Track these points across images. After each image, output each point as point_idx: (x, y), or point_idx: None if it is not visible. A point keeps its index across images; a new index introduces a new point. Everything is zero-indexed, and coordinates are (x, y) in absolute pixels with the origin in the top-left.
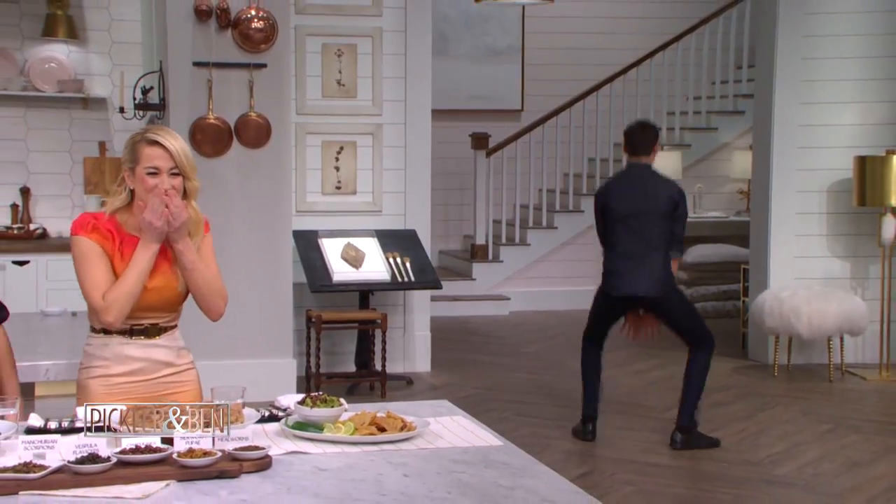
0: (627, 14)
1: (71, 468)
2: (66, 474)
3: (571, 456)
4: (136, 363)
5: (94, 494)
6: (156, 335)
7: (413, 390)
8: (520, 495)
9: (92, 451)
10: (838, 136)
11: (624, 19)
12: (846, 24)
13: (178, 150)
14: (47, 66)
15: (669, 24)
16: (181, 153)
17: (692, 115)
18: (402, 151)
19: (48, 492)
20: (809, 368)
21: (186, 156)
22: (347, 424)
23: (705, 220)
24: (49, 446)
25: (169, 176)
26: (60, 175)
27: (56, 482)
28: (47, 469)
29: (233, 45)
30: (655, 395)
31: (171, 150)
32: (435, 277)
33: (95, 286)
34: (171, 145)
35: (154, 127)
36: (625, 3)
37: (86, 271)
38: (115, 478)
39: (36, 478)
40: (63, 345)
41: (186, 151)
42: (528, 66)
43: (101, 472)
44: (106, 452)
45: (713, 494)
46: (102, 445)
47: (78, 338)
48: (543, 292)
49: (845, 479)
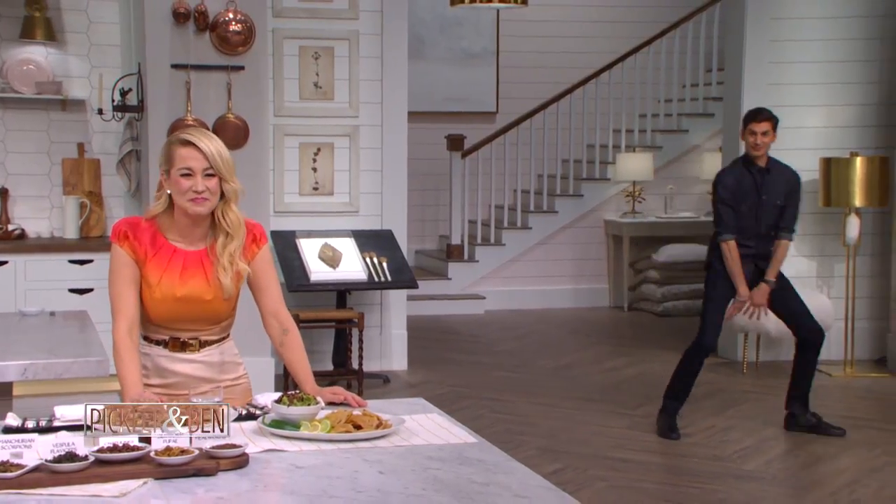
0: (600, 18)
1: (48, 467)
2: (43, 473)
3: (545, 452)
4: (173, 377)
5: (71, 493)
6: (197, 349)
7: (390, 388)
8: (494, 491)
9: (69, 450)
10: (804, 138)
11: (596, 23)
12: (811, 30)
13: (212, 151)
14: (25, 69)
15: (641, 29)
16: (216, 154)
17: (663, 118)
18: (378, 153)
19: (25, 490)
20: (777, 365)
21: (222, 156)
22: (324, 422)
23: (676, 220)
24: (26, 445)
25: (203, 177)
26: (39, 176)
27: (33, 481)
28: (24, 468)
29: (211, 47)
30: (627, 392)
31: (205, 150)
32: (411, 277)
33: (121, 313)
34: (205, 145)
35: (189, 128)
36: (597, 8)
37: (113, 287)
38: (93, 476)
39: (13, 477)
40: (41, 345)
41: (223, 152)
42: (503, 69)
43: (78, 471)
44: (83, 451)
45: (683, 489)
46: (80, 444)
47: (55, 338)
48: (518, 291)
49: (810, 472)
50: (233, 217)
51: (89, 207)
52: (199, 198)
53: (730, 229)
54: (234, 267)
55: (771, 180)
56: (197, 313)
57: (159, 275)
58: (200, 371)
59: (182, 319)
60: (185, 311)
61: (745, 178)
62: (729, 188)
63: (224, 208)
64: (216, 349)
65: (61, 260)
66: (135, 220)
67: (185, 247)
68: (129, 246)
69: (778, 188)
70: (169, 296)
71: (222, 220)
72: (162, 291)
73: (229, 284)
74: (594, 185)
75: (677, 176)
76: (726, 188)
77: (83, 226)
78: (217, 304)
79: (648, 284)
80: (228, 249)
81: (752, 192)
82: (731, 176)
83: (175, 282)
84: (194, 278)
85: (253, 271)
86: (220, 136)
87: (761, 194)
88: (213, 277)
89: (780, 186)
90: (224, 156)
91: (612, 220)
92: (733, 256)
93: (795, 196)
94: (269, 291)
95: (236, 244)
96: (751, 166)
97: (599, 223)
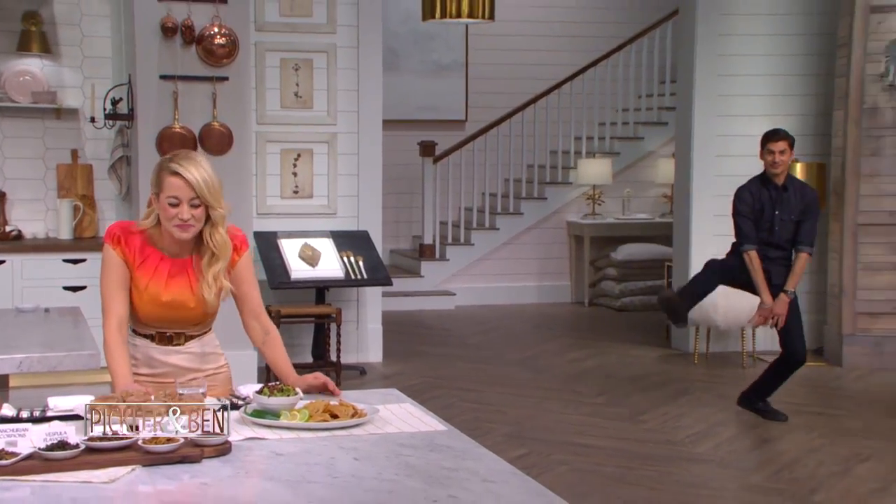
0: (562, 33)
1: (41, 455)
2: (36, 460)
3: (511, 439)
4: (161, 367)
5: (63, 479)
6: (181, 343)
7: (366, 379)
8: (462, 476)
9: (62, 439)
10: (750, 145)
11: (559, 38)
12: (755, 46)
13: (198, 181)
14: (22, 79)
15: (600, 43)
16: (202, 183)
17: (620, 126)
18: (355, 158)
19: (19, 477)
20: (725, 356)
21: (209, 185)
22: (302, 412)
23: (633, 221)
24: (20, 434)
25: (189, 206)
26: (35, 181)
27: (27, 468)
28: (18, 456)
29: (197, 59)
30: (588, 382)
31: (192, 181)
32: (386, 275)
33: (111, 311)
34: (192, 176)
35: (180, 154)
36: (560, 24)
37: (105, 286)
38: (83, 463)
39: (7, 464)
40: (36, 339)
41: (209, 180)
42: (472, 80)
43: (69, 459)
44: (75, 439)
45: (639, 472)
46: (71, 433)
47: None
48: (486, 288)
49: (756, 454)
50: (219, 239)
51: (82, 210)
52: (184, 224)
53: (751, 240)
54: (217, 283)
55: (787, 198)
56: (181, 317)
57: (146, 280)
58: (185, 362)
59: (167, 321)
60: (169, 315)
61: (762, 194)
62: (746, 202)
63: (211, 231)
64: (198, 342)
65: (56, 259)
66: (128, 225)
67: (172, 255)
68: (121, 249)
69: (793, 205)
70: (155, 300)
71: (209, 242)
72: (149, 295)
73: (213, 300)
74: (557, 189)
75: (634, 180)
76: (744, 202)
77: (76, 227)
78: (199, 311)
79: (607, 281)
80: (213, 270)
81: (767, 208)
82: (748, 191)
83: (161, 288)
84: (179, 286)
85: (233, 278)
86: (206, 143)
87: (775, 209)
88: (196, 289)
89: (796, 204)
90: (210, 183)
91: (573, 222)
92: (755, 266)
93: (812, 213)
94: (250, 297)
95: (221, 265)
96: (768, 183)
97: (562, 224)
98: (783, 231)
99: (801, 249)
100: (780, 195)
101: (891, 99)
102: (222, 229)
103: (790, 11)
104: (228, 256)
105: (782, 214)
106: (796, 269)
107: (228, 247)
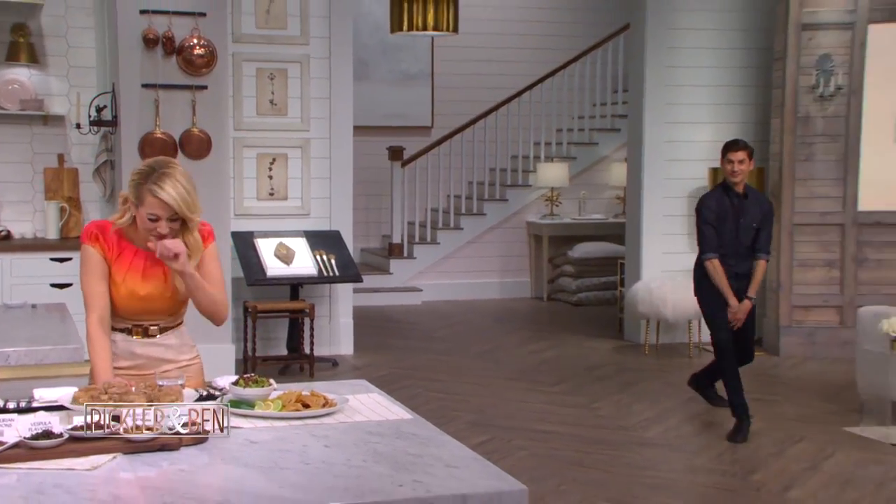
0: (522, 45)
1: (27, 443)
2: (22, 449)
3: (474, 426)
4: (138, 359)
5: (47, 467)
6: (156, 335)
7: (338, 371)
8: (427, 462)
9: (46, 428)
10: (696, 151)
11: (519, 50)
12: (701, 58)
13: (177, 202)
14: (10, 88)
15: (557, 55)
16: (181, 202)
17: (577, 132)
18: (327, 162)
19: (5, 465)
20: (673, 347)
21: (186, 202)
22: (276, 402)
23: (589, 221)
24: (7, 424)
25: (168, 222)
26: (23, 184)
27: (13, 456)
28: (4, 445)
29: (177, 69)
30: (546, 372)
31: (172, 203)
32: (356, 272)
33: (93, 307)
34: (173, 199)
35: (160, 172)
36: (519, 36)
37: (86, 283)
38: (67, 451)
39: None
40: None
41: (186, 197)
42: (437, 89)
43: (54, 447)
44: (59, 429)
45: (594, 455)
46: (56, 422)
47: (36, 328)
48: (451, 284)
49: (701, 438)
50: (192, 241)
51: (69, 211)
52: (161, 236)
53: (713, 248)
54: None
55: (748, 205)
56: (157, 308)
57: (123, 274)
58: (161, 353)
59: (145, 313)
60: (147, 307)
61: (724, 202)
62: (712, 210)
63: (185, 234)
64: (172, 334)
65: (43, 258)
66: (103, 223)
67: (147, 249)
68: (99, 246)
69: (754, 213)
70: (133, 294)
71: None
72: (126, 289)
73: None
74: (517, 191)
75: (589, 183)
76: (710, 210)
77: (63, 228)
78: (173, 301)
79: (565, 278)
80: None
81: (731, 216)
82: (713, 199)
83: (137, 282)
84: (154, 279)
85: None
86: (186, 148)
87: (739, 217)
88: (170, 280)
89: (756, 211)
90: (188, 200)
91: (533, 222)
92: (719, 273)
93: (768, 221)
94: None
95: (194, 262)
96: (729, 191)
97: (522, 224)
98: (745, 238)
99: (759, 257)
100: (742, 203)
101: (821, 109)
102: (196, 233)
103: (731, 27)
104: (199, 255)
105: (745, 222)
106: (756, 276)
107: (200, 247)
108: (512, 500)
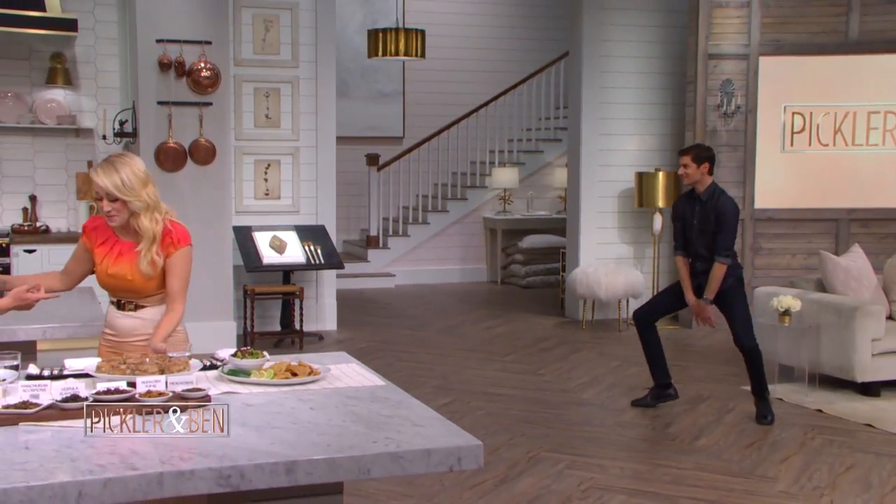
0: (479, 69)
1: (58, 405)
2: (54, 410)
3: (438, 390)
4: (118, 329)
5: (75, 425)
6: (134, 310)
7: (323, 344)
8: (397, 422)
9: (74, 393)
10: (624, 157)
11: (477, 72)
12: (627, 80)
13: (107, 185)
14: (49, 106)
15: (509, 77)
16: (111, 186)
17: (525, 142)
18: (314, 167)
19: (40, 423)
20: (606, 322)
21: (118, 186)
22: (268, 371)
23: (535, 217)
24: (42, 389)
25: (108, 201)
26: (59, 186)
27: (47, 416)
28: (40, 406)
29: (187, 88)
30: (499, 345)
31: (101, 185)
32: (339, 260)
33: (65, 268)
34: (103, 182)
35: (106, 160)
36: (477, 61)
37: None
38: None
39: (31, 413)
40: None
41: (118, 183)
42: (408, 105)
43: (80, 409)
44: (85, 393)
45: (539, 413)
46: (82, 388)
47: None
48: (420, 270)
49: (627, 398)
50: (141, 224)
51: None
52: (108, 214)
53: (679, 245)
54: (147, 258)
55: (704, 208)
56: (127, 287)
57: (102, 257)
58: (139, 326)
59: (117, 289)
60: (118, 284)
61: (687, 204)
62: (677, 209)
63: (133, 218)
64: (150, 311)
65: None
66: (97, 219)
67: (124, 238)
68: (86, 237)
69: (709, 216)
70: (105, 272)
71: (135, 227)
72: (102, 269)
73: (148, 270)
74: (475, 192)
75: (536, 185)
76: (675, 209)
77: None
78: (139, 283)
79: (515, 265)
80: (151, 253)
81: (689, 218)
82: (680, 200)
83: (110, 263)
84: (123, 262)
85: (167, 264)
86: (193, 156)
87: (695, 220)
88: (136, 265)
89: (711, 215)
90: (121, 184)
91: (488, 217)
92: (680, 269)
93: (722, 224)
94: (169, 284)
95: (155, 248)
96: (692, 194)
97: (479, 220)
98: (702, 239)
99: (714, 259)
100: (701, 206)
101: (725, 124)
102: (144, 218)
103: (652, 56)
104: (153, 238)
105: (700, 224)
106: (711, 277)
107: (151, 231)
108: (469, 453)
